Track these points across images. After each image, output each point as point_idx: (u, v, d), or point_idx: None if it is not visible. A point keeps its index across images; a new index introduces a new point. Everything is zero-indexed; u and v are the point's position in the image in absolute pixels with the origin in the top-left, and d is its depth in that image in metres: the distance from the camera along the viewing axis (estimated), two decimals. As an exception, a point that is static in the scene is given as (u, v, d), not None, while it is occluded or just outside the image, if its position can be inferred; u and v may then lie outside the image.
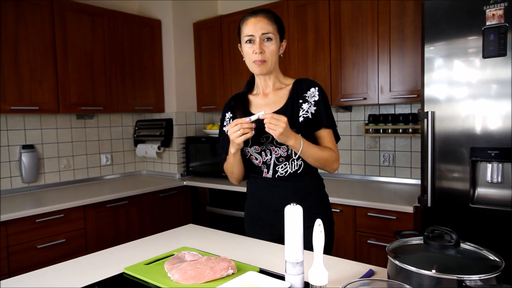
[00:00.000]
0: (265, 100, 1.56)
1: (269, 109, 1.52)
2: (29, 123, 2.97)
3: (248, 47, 1.47)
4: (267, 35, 1.44)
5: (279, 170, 1.51)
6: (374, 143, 2.94)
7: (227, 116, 1.64)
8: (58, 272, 1.27)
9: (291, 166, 1.50)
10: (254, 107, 1.57)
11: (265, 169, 1.53)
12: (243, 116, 1.51)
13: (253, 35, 1.44)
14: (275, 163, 1.50)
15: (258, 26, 1.44)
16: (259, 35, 1.44)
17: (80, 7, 2.93)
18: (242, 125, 1.34)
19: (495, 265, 0.89)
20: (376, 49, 2.55)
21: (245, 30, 1.47)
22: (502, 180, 1.78)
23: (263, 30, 1.44)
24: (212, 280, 1.10)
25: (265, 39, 1.45)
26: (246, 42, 1.47)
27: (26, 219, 2.35)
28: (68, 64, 2.87)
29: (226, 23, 3.38)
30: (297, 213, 1.04)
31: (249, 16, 1.48)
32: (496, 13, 1.71)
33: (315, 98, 1.50)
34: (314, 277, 0.97)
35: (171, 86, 3.53)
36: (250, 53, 1.47)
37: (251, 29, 1.45)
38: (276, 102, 1.53)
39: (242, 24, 1.49)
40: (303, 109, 1.48)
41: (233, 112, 1.61)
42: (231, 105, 1.62)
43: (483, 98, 1.78)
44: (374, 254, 2.29)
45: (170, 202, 3.23)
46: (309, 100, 1.49)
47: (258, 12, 1.47)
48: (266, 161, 1.51)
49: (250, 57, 1.48)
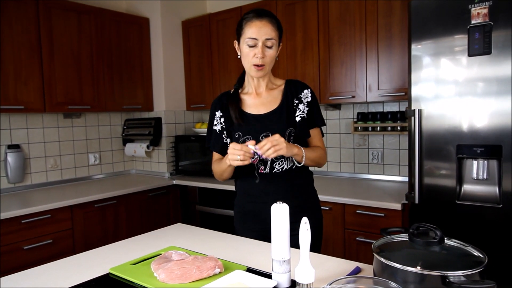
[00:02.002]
0: (259, 100, 1.58)
1: (264, 109, 1.56)
2: (14, 123, 2.92)
3: (249, 50, 1.48)
4: (270, 41, 1.46)
5: (276, 166, 1.53)
6: (363, 141, 2.95)
7: (217, 114, 1.64)
8: (43, 273, 1.25)
9: (287, 162, 1.54)
10: (248, 106, 1.59)
11: (262, 166, 1.54)
12: (238, 114, 1.55)
13: (256, 39, 1.45)
14: (272, 160, 1.53)
15: (262, 31, 1.45)
16: (263, 40, 1.45)
17: (66, 5, 2.89)
18: (245, 154, 1.36)
19: (479, 261, 0.90)
20: (364, 48, 2.56)
21: (249, 32, 1.46)
22: (488, 177, 1.80)
23: (267, 35, 1.46)
24: (198, 280, 1.09)
25: (268, 44, 1.47)
26: (248, 44, 1.47)
27: (12, 220, 2.31)
28: (54, 63, 2.83)
29: (215, 22, 3.37)
30: (283, 211, 1.04)
31: (254, 18, 1.47)
32: (481, 12, 1.73)
33: (308, 99, 1.57)
34: (301, 275, 0.97)
35: (160, 84, 3.50)
36: (250, 55, 1.48)
37: (255, 33, 1.45)
38: (270, 102, 1.57)
39: (246, 24, 1.48)
40: (300, 109, 1.56)
41: (224, 110, 1.60)
42: (223, 103, 1.62)
43: (469, 96, 1.80)
44: (362, 251, 2.30)
45: (159, 201, 3.21)
46: (303, 101, 1.57)
47: (263, 15, 1.47)
48: (263, 158, 1.51)
49: (250, 60, 1.49)
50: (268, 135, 1.48)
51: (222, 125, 1.61)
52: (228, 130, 1.59)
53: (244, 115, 1.56)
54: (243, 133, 1.54)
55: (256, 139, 1.49)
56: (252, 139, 1.49)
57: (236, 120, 1.55)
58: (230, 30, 3.26)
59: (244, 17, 1.50)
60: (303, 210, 1.50)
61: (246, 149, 1.37)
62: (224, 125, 1.61)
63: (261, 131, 1.51)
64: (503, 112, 1.72)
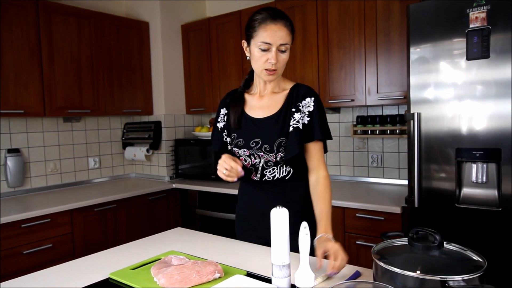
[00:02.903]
0: (260, 103, 1.52)
1: (262, 113, 1.49)
2: (14, 127, 2.92)
3: (262, 54, 1.38)
4: (284, 46, 1.38)
5: (267, 174, 1.49)
6: (363, 144, 2.96)
7: (221, 112, 1.61)
8: (43, 278, 1.25)
9: (279, 172, 1.48)
10: (249, 108, 1.54)
11: (254, 172, 1.52)
12: (238, 114, 1.51)
13: (271, 43, 1.36)
14: (263, 167, 1.49)
15: (277, 36, 1.35)
16: (277, 45, 1.36)
17: (66, 9, 2.90)
18: (232, 171, 1.35)
19: (478, 265, 0.90)
20: (363, 52, 2.57)
21: (262, 35, 1.36)
22: (487, 180, 1.80)
23: (282, 41, 1.36)
24: (198, 284, 1.09)
25: (281, 49, 1.38)
26: (260, 48, 1.37)
27: (12, 224, 2.31)
28: (54, 67, 2.83)
29: (214, 26, 3.38)
30: (283, 216, 1.04)
31: (269, 21, 1.36)
32: (479, 16, 1.74)
33: (309, 109, 1.44)
34: (300, 280, 0.97)
35: (160, 88, 3.51)
36: (262, 60, 1.39)
37: (270, 37, 1.35)
38: (270, 107, 1.49)
39: (260, 26, 1.37)
40: (294, 118, 1.44)
41: (228, 109, 1.58)
42: (227, 102, 1.60)
43: (468, 99, 1.81)
44: (363, 255, 2.30)
45: (159, 205, 3.21)
46: (302, 110, 1.44)
47: (277, 18, 1.36)
48: (254, 164, 1.50)
49: (262, 64, 1.40)
50: (258, 142, 1.44)
51: (224, 123, 1.58)
52: (228, 129, 1.57)
53: (244, 117, 1.52)
54: (238, 136, 1.51)
55: (247, 144, 1.47)
56: (245, 145, 1.47)
57: (233, 123, 1.52)
58: (230, 34, 3.27)
59: (256, 18, 1.38)
60: (296, 222, 1.27)
61: (235, 166, 1.34)
62: (226, 123, 1.58)
63: (253, 136, 1.46)
64: (502, 116, 1.72)
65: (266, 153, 1.45)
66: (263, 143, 1.44)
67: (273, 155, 1.44)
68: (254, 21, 1.39)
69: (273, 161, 1.46)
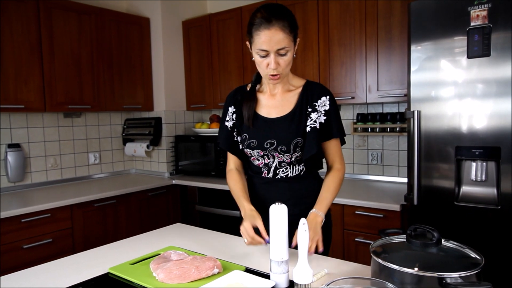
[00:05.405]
0: (273, 102, 1.47)
1: (276, 113, 1.45)
2: (15, 122, 2.93)
3: (261, 60, 1.33)
4: (283, 49, 1.29)
5: (280, 173, 1.47)
6: (363, 141, 2.96)
7: (230, 110, 1.54)
8: (43, 272, 1.26)
9: (292, 171, 1.46)
10: (261, 107, 1.49)
11: (266, 170, 1.49)
12: (250, 113, 1.46)
13: (267, 50, 1.29)
14: (276, 167, 1.46)
15: (273, 42, 1.27)
16: (274, 51, 1.29)
17: (67, 5, 2.90)
18: (253, 241, 1.28)
19: (476, 263, 0.90)
20: (364, 49, 2.57)
21: (258, 42, 1.29)
22: (486, 179, 1.80)
23: (278, 46, 1.28)
24: (197, 280, 1.10)
25: (281, 53, 1.31)
26: (259, 54, 1.32)
27: (12, 219, 2.32)
28: (54, 63, 2.83)
29: (215, 22, 3.37)
30: (281, 212, 1.04)
31: (263, 27, 1.27)
32: (480, 14, 1.74)
33: (325, 108, 1.42)
34: (299, 276, 0.98)
35: (160, 84, 3.51)
36: (263, 65, 1.34)
37: (265, 44, 1.28)
38: (284, 106, 1.45)
39: (255, 32, 1.30)
40: (311, 118, 1.41)
41: (237, 106, 1.52)
42: (237, 99, 1.53)
43: (468, 97, 1.81)
44: (362, 252, 2.31)
45: (159, 201, 3.22)
46: (318, 110, 1.42)
47: (272, 21, 1.26)
48: (268, 164, 1.47)
49: (264, 69, 1.35)
50: (273, 142, 1.42)
51: (234, 122, 1.52)
52: (238, 129, 1.52)
53: (255, 116, 1.47)
54: (250, 136, 1.46)
55: (261, 145, 1.43)
56: (258, 146, 1.43)
57: (247, 122, 1.46)
58: (231, 30, 3.27)
59: (252, 22, 1.31)
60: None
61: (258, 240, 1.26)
62: (235, 122, 1.52)
63: (267, 137, 1.42)
64: (502, 114, 1.72)
65: (281, 153, 1.42)
66: (278, 143, 1.41)
67: (288, 155, 1.42)
68: (251, 25, 1.32)
69: (287, 162, 1.44)
